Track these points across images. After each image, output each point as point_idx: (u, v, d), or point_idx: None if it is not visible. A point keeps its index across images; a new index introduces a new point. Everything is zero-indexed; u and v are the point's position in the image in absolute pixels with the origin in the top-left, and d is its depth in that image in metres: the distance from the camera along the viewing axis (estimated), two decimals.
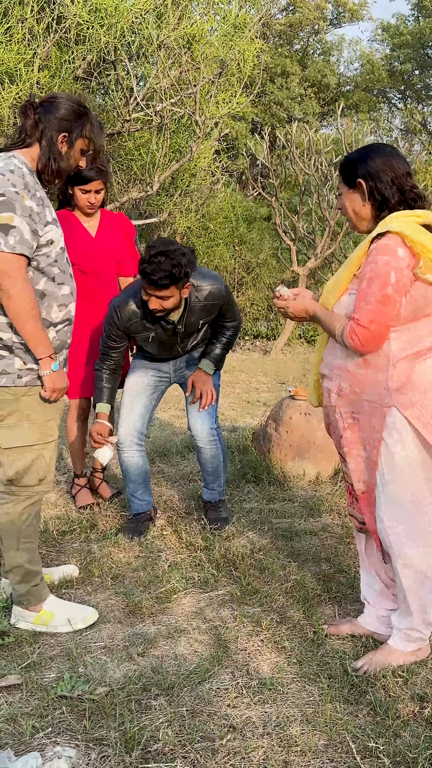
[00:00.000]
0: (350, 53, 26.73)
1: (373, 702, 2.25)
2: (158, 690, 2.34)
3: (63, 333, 2.62)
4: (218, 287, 3.36)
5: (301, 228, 11.34)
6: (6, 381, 2.50)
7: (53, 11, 7.34)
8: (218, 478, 3.72)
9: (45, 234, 2.46)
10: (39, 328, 2.44)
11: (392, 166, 2.30)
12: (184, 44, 8.25)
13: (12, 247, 2.34)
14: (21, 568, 2.68)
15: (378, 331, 2.21)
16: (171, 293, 3.13)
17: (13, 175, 2.38)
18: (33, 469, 2.61)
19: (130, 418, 3.54)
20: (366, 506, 2.41)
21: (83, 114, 2.56)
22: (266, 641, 2.63)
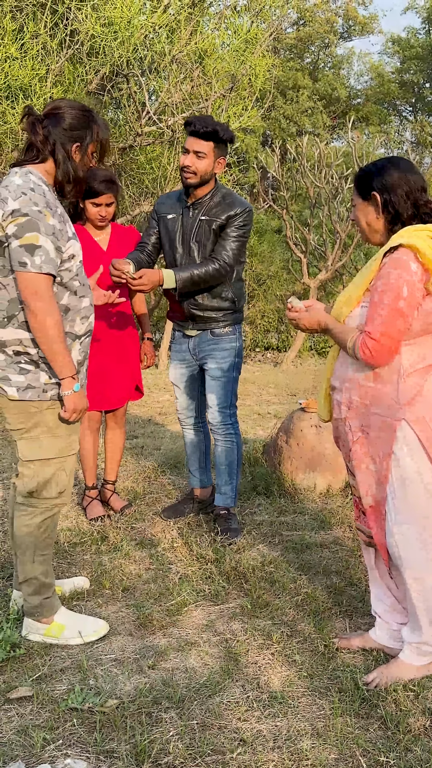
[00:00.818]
0: (360, 66, 26.83)
1: (384, 716, 2.25)
2: (169, 703, 2.34)
3: (85, 345, 2.66)
4: (245, 205, 3.52)
5: (311, 240, 11.37)
6: (32, 395, 2.52)
7: (66, 27, 7.43)
8: (230, 481, 3.77)
9: (67, 249, 2.48)
10: (63, 348, 2.45)
11: (407, 180, 2.30)
12: (195, 59, 8.32)
13: (39, 267, 2.36)
14: (36, 580, 2.70)
15: (389, 345, 2.22)
16: (207, 152, 3.34)
17: (35, 194, 2.39)
18: (53, 482, 2.63)
19: (183, 397, 3.89)
20: (374, 520, 2.41)
21: (90, 118, 2.56)
22: (277, 654, 2.63)
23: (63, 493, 2.68)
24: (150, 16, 7.67)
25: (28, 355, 2.50)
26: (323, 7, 24.51)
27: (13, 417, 2.58)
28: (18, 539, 2.69)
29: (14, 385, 2.52)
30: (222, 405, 3.70)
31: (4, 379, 2.53)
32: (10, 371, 2.52)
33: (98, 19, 7.28)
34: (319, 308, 2.49)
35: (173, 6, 8.17)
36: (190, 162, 3.36)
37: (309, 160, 11.53)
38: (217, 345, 3.65)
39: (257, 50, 8.72)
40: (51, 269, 2.39)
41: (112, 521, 3.87)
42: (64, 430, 2.61)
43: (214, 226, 3.48)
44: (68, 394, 2.51)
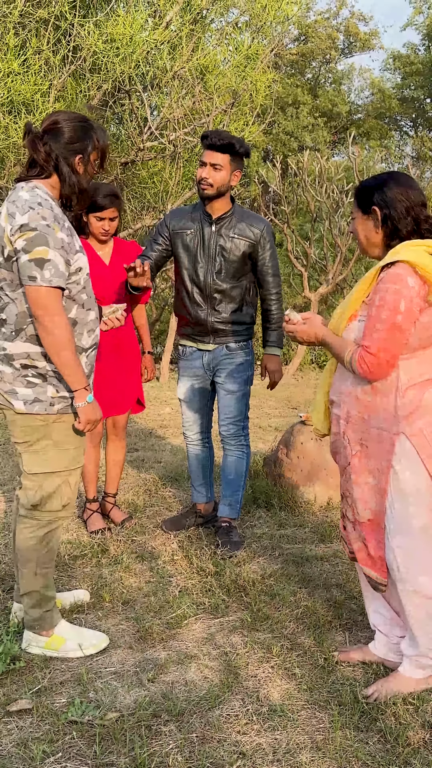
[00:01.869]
0: (361, 82, 27.02)
1: (384, 729, 2.25)
2: (168, 716, 2.34)
3: (92, 357, 2.67)
4: (265, 222, 3.60)
5: (312, 254, 11.42)
6: (39, 408, 2.53)
7: (69, 43, 7.50)
8: (236, 492, 3.82)
9: (75, 262, 2.49)
10: (75, 360, 2.46)
11: (408, 195, 2.32)
12: (197, 75, 8.40)
13: (48, 281, 2.37)
14: (37, 593, 2.70)
15: (386, 359, 2.24)
16: (224, 164, 3.41)
17: (43, 208, 2.39)
18: (57, 495, 2.64)
19: (191, 413, 3.90)
20: (371, 533, 2.41)
21: (89, 128, 2.56)
22: (276, 668, 2.63)
23: (67, 506, 2.69)
24: (152, 33, 7.75)
25: (35, 368, 2.51)
26: (324, 23, 24.70)
27: (19, 430, 2.59)
28: (20, 552, 2.69)
29: (21, 399, 2.53)
30: (237, 418, 3.75)
31: (11, 393, 2.54)
32: (18, 384, 2.52)
33: (100, 36, 7.36)
34: (316, 321, 2.51)
35: (175, 22, 8.25)
36: (207, 174, 3.43)
37: (310, 174, 11.60)
38: (233, 359, 3.69)
39: (258, 66, 8.80)
40: (60, 282, 2.40)
41: (112, 534, 3.88)
42: (70, 443, 2.62)
43: (244, 246, 3.56)
44: (82, 405, 2.52)
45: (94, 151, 2.59)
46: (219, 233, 3.56)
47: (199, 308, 3.64)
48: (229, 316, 3.64)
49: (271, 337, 3.74)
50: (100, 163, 2.66)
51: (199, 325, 3.68)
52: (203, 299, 3.63)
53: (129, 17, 7.43)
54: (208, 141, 3.40)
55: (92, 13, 8.00)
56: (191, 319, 3.70)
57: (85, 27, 7.43)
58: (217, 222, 3.56)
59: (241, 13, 14.02)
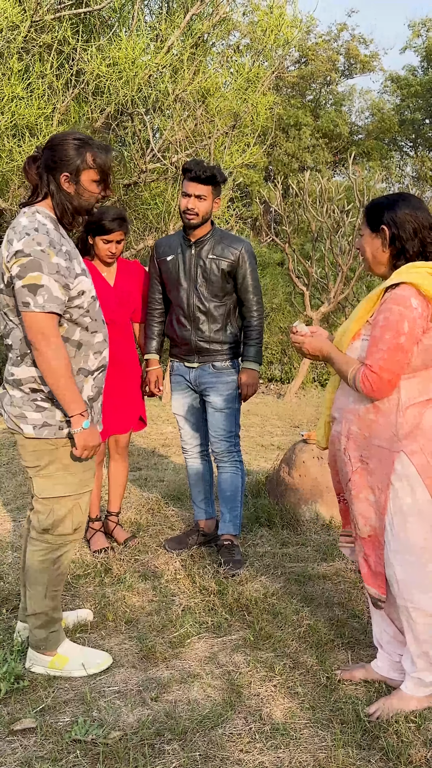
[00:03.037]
0: (361, 103, 27.25)
1: (386, 747, 2.25)
2: (171, 735, 2.35)
3: (99, 380, 2.68)
4: (244, 242, 3.72)
5: (314, 273, 11.49)
6: (48, 432, 2.54)
7: (72, 67, 7.61)
8: (234, 509, 3.86)
9: (76, 286, 2.50)
10: (71, 386, 2.46)
11: (417, 217, 2.36)
12: (198, 98, 8.50)
13: (42, 306, 2.37)
14: (44, 614, 2.71)
15: (389, 379, 2.27)
16: (207, 194, 3.57)
17: (38, 234, 2.41)
18: (68, 519, 2.65)
19: (187, 427, 3.98)
20: (372, 549, 2.43)
21: (80, 146, 2.52)
22: (279, 686, 2.64)
23: (78, 530, 2.70)
24: (154, 57, 7.86)
25: (43, 392, 2.53)
26: (325, 45, 24.98)
27: (28, 455, 2.59)
28: (30, 573, 2.70)
29: (30, 423, 2.54)
30: (227, 434, 3.81)
31: (20, 417, 2.55)
32: (27, 409, 2.54)
33: (103, 60, 7.47)
34: (323, 335, 2.54)
35: (176, 46, 8.37)
36: (193, 205, 3.57)
37: (311, 195, 11.69)
38: (219, 378, 3.75)
39: (259, 89, 8.91)
40: (54, 308, 2.40)
41: (115, 553, 3.89)
42: (79, 467, 2.63)
43: (224, 266, 3.66)
44: (78, 431, 2.50)
45: (88, 169, 2.54)
46: (199, 255, 3.68)
47: (184, 328, 3.75)
48: (212, 335, 3.73)
49: (249, 353, 3.79)
50: (102, 184, 2.61)
51: (184, 344, 3.79)
52: (186, 319, 3.74)
53: (131, 41, 7.54)
54: (191, 174, 3.54)
55: (95, 37, 8.12)
56: (177, 339, 3.81)
57: (88, 51, 7.54)
58: (197, 245, 3.68)
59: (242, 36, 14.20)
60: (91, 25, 8.15)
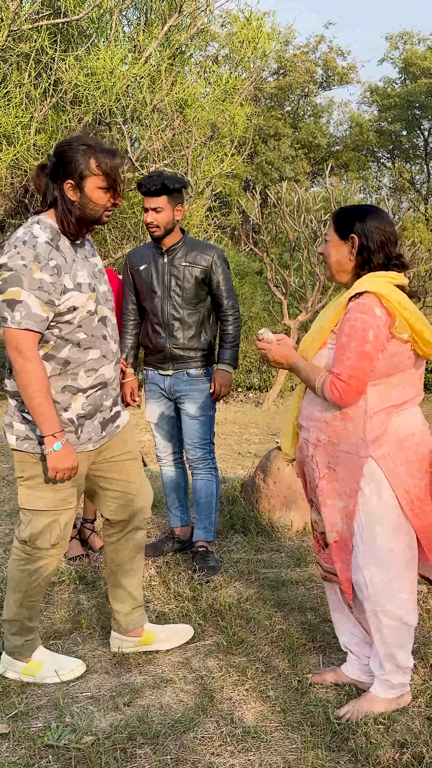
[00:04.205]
0: (339, 115, 27.52)
1: (355, 749, 2.29)
2: (143, 739, 2.37)
3: (95, 398, 2.60)
4: (216, 248, 3.77)
5: (291, 282, 11.58)
6: (27, 446, 2.53)
7: (50, 76, 7.64)
8: (209, 515, 3.88)
9: (64, 302, 2.42)
10: (45, 405, 2.40)
11: (385, 231, 2.42)
12: (176, 108, 8.56)
13: (18, 323, 2.33)
14: (19, 622, 2.71)
15: (357, 386, 2.31)
16: (163, 205, 3.58)
17: (24, 247, 2.36)
18: (47, 533, 2.61)
19: (162, 435, 4.00)
20: (338, 555, 2.47)
21: (84, 152, 2.42)
22: (251, 690, 2.66)
23: (56, 546, 2.64)
24: (132, 67, 7.91)
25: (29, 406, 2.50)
26: (303, 57, 25.22)
27: (15, 463, 2.61)
28: (9, 581, 2.71)
29: (14, 434, 2.54)
30: (202, 442, 3.83)
31: (8, 426, 2.56)
32: (15, 419, 2.55)
33: (81, 70, 7.50)
34: (289, 344, 2.56)
35: (154, 57, 8.43)
36: (152, 218, 3.62)
37: (288, 205, 11.78)
38: (193, 386, 3.78)
39: (236, 99, 8.99)
40: (32, 325, 2.35)
41: (90, 560, 3.90)
42: (62, 483, 2.58)
43: (197, 273, 3.71)
44: (49, 452, 2.44)
45: (92, 176, 2.44)
46: (171, 263, 3.72)
47: (158, 336, 3.79)
48: (186, 342, 3.76)
49: (225, 355, 3.82)
50: (111, 191, 2.50)
51: (159, 352, 3.82)
52: (161, 327, 3.77)
53: (109, 52, 7.58)
54: (143, 189, 3.59)
55: (73, 47, 8.16)
56: (152, 347, 3.84)
57: (66, 61, 7.58)
58: (169, 253, 3.73)
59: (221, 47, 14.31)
60: (69, 35, 8.19)
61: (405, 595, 2.41)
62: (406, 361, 2.37)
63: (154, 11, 8.79)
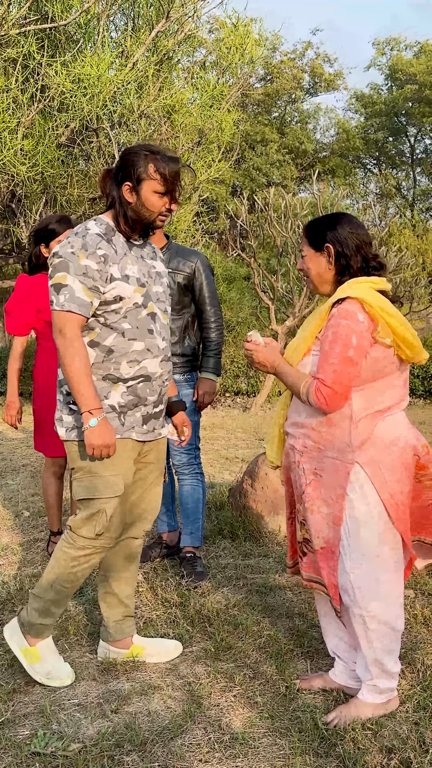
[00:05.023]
0: (326, 121, 27.65)
1: (343, 755, 2.29)
2: (131, 746, 2.36)
3: (136, 389, 2.61)
4: (199, 254, 3.77)
5: (279, 288, 11.60)
6: (75, 435, 2.59)
7: (37, 82, 7.63)
8: (196, 521, 3.87)
9: (110, 290, 2.51)
10: (83, 383, 2.45)
11: (358, 234, 2.44)
12: (164, 114, 8.57)
13: (61, 305, 2.45)
14: (43, 601, 2.70)
15: (342, 391, 2.32)
16: None
17: (75, 237, 2.51)
18: (92, 522, 2.61)
19: None
20: (324, 561, 2.47)
21: (145, 156, 2.51)
22: (239, 696, 2.66)
23: (101, 536, 2.63)
24: (119, 73, 7.91)
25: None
26: (290, 63, 25.32)
27: (69, 458, 2.66)
28: (51, 559, 2.71)
29: (64, 426, 2.61)
30: (187, 447, 3.83)
31: (59, 420, 2.64)
32: (64, 411, 2.62)
33: (68, 76, 7.50)
34: (275, 348, 2.57)
35: (141, 62, 8.44)
36: None
37: (276, 210, 11.82)
38: (179, 391, 3.75)
39: (224, 105, 9.01)
40: (74, 308, 2.45)
41: None
42: (105, 470, 2.59)
43: (180, 279, 3.70)
44: (85, 428, 2.48)
45: (149, 180, 2.51)
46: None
47: None
48: (171, 349, 3.73)
49: (209, 363, 3.82)
50: (167, 195, 2.56)
51: None
52: None
53: (96, 57, 7.58)
54: None
55: (60, 53, 8.15)
56: None
57: (53, 66, 7.57)
58: None
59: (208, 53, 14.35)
60: (56, 41, 8.19)
61: (392, 600, 2.42)
62: (390, 366, 2.38)
63: (141, 17, 8.80)
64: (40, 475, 6.14)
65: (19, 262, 10.06)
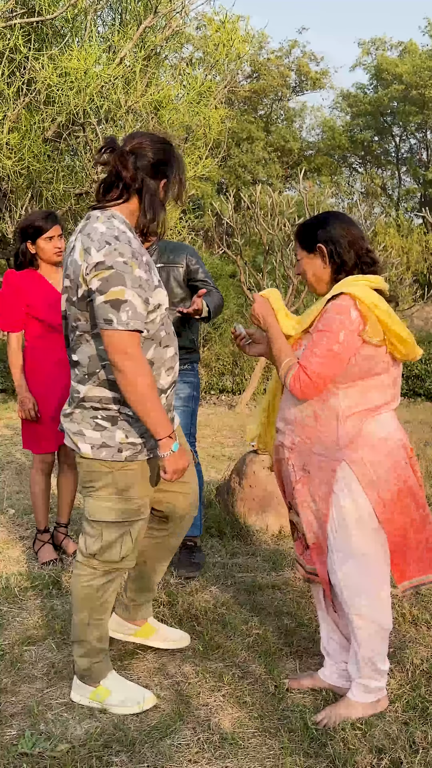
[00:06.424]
0: (312, 120, 27.69)
1: (333, 755, 2.28)
2: (120, 746, 2.34)
3: (171, 396, 2.52)
4: (187, 246, 3.78)
5: (265, 285, 11.59)
6: (106, 454, 2.38)
7: (23, 75, 7.57)
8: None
9: (154, 299, 2.34)
10: (157, 407, 2.28)
11: (349, 231, 2.43)
12: (151, 110, 8.53)
13: (125, 324, 2.19)
14: (88, 643, 2.58)
15: (319, 383, 2.31)
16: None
17: (120, 243, 2.23)
18: (117, 545, 2.49)
19: None
20: (317, 556, 2.47)
21: (171, 152, 2.40)
22: (228, 696, 2.64)
23: (126, 558, 2.53)
24: (106, 68, 7.87)
25: (106, 410, 2.38)
26: (277, 61, 25.32)
27: (83, 473, 2.47)
28: (74, 600, 2.57)
29: (88, 442, 2.40)
30: (184, 431, 3.77)
31: (78, 434, 2.42)
32: (85, 426, 2.40)
33: (55, 69, 7.44)
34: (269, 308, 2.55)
35: (129, 58, 8.39)
36: None
37: (262, 208, 11.80)
38: (177, 380, 3.73)
39: (211, 102, 8.99)
40: (139, 325, 2.22)
41: (64, 565, 3.86)
42: (135, 492, 2.46)
43: (177, 272, 3.68)
44: (167, 455, 2.34)
45: (176, 184, 2.44)
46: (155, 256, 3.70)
47: None
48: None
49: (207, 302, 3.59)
50: (178, 195, 2.48)
51: None
52: None
53: (83, 52, 7.53)
54: None
55: (47, 47, 8.10)
56: None
57: (39, 60, 7.51)
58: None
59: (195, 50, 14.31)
60: (43, 34, 8.13)
61: (380, 598, 2.41)
62: (381, 365, 2.37)
63: (129, 12, 8.76)
64: (25, 472, 6.10)
65: (5, 257, 9.99)
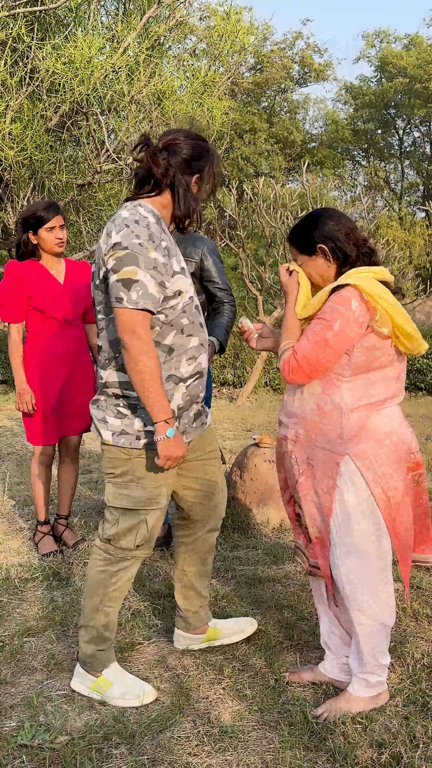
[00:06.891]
0: (315, 112, 27.59)
1: (333, 749, 2.27)
2: (119, 738, 2.34)
3: (193, 387, 2.51)
4: (205, 240, 3.72)
5: (267, 278, 11.57)
6: (124, 441, 2.42)
7: (26, 65, 7.53)
8: None
9: (172, 285, 2.36)
10: (158, 390, 2.29)
11: (342, 224, 2.41)
12: (154, 100, 8.49)
13: (135, 303, 2.23)
14: (94, 629, 2.58)
15: (308, 369, 2.31)
16: None
17: (138, 226, 2.28)
18: (133, 533, 2.50)
19: None
20: (320, 550, 2.46)
21: (207, 149, 2.44)
22: (228, 689, 2.64)
23: (141, 547, 2.54)
24: (109, 57, 7.82)
25: (127, 398, 2.41)
26: (280, 53, 25.20)
27: (106, 460, 2.51)
28: (87, 583, 2.59)
29: (110, 429, 2.44)
30: None
31: (102, 421, 2.46)
32: (109, 413, 2.45)
33: (59, 58, 7.40)
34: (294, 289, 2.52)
35: (132, 48, 8.35)
36: None
37: (265, 200, 11.77)
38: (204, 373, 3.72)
39: (215, 93, 8.94)
40: (148, 305, 2.26)
41: (64, 557, 3.85)
42: (152, 481, 2.48)
43: (191, 265, 3.66)
44: (161, 439, 2.33)
45: (209, 180, 2.47)
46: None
47: None
48: None
49: (216, 331, 3.65)
50: (212, 190, 2.52)
51: None
52: None
53: (87, 41, 7.49)
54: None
55: (50, 36, 8.05)
56: None
57: (42, 49, 7.47)
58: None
59: (199, 41, 14.24)
60: (46, 24, 8.09)
61: (382, 594, 2.40)
62: (385, 358, 2.35)
63: (132, 2, 8.71)
64: (26, 463, 6.09)
65: (6, 248, 9.96)
